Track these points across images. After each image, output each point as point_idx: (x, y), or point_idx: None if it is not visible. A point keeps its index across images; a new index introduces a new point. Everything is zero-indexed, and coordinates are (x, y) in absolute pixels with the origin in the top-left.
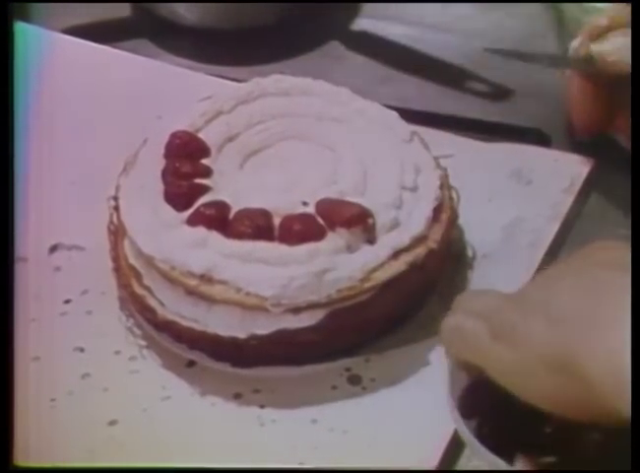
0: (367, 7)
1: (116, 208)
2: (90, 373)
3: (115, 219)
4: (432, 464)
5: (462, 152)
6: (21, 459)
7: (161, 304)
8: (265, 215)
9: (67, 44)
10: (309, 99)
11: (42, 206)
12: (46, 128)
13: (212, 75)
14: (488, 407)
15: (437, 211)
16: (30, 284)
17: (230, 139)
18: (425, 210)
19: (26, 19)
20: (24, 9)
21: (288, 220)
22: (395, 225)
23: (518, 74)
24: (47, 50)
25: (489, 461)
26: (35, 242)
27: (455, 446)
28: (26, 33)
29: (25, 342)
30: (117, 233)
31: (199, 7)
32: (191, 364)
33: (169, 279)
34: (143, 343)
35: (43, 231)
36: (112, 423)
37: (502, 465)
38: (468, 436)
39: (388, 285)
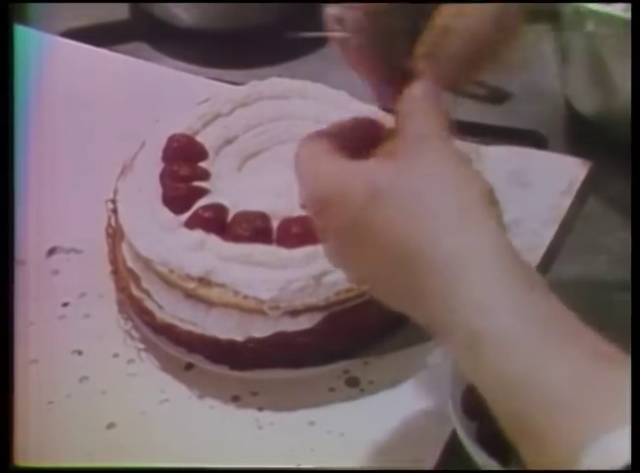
0: None
1: (114, 211)
2: (88, 376)
3: (113, 222)
4: (429, 467)
5: None
6: (20, 460)
7: (160, 306)
8: (263, 218)
9: (65, 47)
10: (307, 102)
11: (41, 209)
12: (45, 131)
13: (210, 78)
14: (488, 410)
15: None
16: (28, 287)
17: (228, 142)
18: None
19: (24, 22)
20: (22, 12)
21: (287, 223)
22: None
23: (516, 77)
24: (46, 53)
25: (487, 463)
26: (34, 245)
27: (452, 449)
28: (25, 37)
29: (23, 345)
30: (115, 235)
31: (197, 8)
32: (189, 366)
33: (168, 282)
34: (141, 346)
35: (42, 234)
36: (110, 426)
37: (499, 467)
38: (466, 438)
39: None
